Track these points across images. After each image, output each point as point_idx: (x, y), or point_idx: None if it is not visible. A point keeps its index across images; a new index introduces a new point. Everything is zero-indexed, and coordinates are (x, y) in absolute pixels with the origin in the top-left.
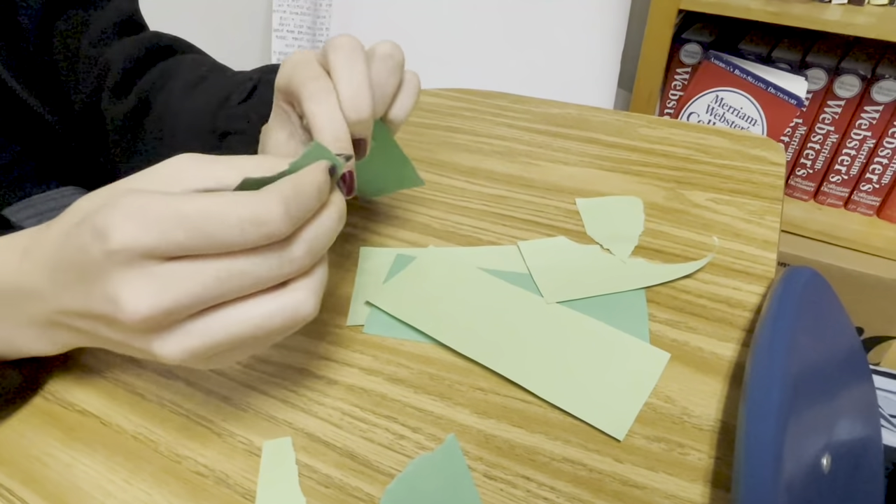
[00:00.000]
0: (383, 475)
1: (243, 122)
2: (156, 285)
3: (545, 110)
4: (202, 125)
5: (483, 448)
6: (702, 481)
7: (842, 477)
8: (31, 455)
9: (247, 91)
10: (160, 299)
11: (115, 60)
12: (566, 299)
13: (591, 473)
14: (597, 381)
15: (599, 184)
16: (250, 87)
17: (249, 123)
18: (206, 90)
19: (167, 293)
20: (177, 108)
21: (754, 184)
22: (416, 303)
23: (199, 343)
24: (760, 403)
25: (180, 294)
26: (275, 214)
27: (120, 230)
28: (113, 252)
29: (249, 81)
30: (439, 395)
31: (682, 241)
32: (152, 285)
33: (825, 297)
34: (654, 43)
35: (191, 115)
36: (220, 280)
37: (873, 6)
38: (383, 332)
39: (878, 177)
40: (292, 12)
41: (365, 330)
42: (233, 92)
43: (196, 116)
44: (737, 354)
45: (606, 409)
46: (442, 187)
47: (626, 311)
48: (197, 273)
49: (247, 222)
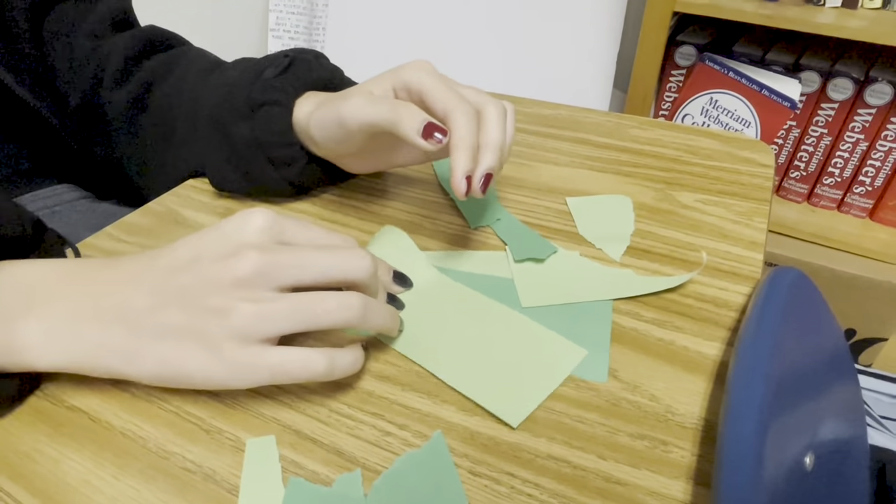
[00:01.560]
0: (370, 471)
1: (280, 93)
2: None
3: (537, 111)
4: (233, 99)
5: (468, 445)
6: (684, 478)
7: (826, 475)
8: (19, 450)
9: (283, 66)
10: (262, 258)
11: (115, 52)
12: (541, 304)
13: (575, 470)
14: (507, 371)
15: (590, 184)
16: (286, 62)
17: (286, 95)
18: (228, 71)
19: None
20: (196, 93)
21: (743, 185)
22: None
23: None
24: (742, 402)
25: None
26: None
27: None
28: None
29: (285, 58)
30: (426, 392)
31: (670, 241)
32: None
33: (811, 297)
34: (649, 45)
35: (217, 94)
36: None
37: (866, 9)
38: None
39: (871, 179)
40: (289, 12)
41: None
42: (267, 67)
43: (224, 92)
44: (722, 354)
45: (508, 398)
46: (434, 188)
47: (591, 317)
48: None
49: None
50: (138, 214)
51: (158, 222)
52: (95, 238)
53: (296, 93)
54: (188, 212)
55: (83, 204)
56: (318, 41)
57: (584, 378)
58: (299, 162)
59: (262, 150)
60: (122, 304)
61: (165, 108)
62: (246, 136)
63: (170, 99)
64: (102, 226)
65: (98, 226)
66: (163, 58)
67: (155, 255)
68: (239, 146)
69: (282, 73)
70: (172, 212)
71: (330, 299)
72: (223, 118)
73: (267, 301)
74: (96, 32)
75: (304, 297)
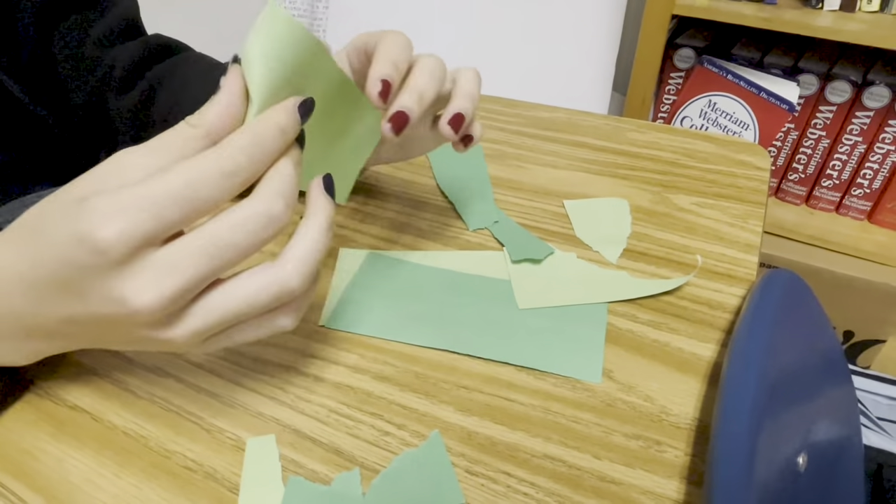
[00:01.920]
0: (368, 471)
1: None
2: (157, 274)
3: (535, 114)
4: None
5: (465, 444)
6: (678, 478)
7: (820, 476)
8: (22, 449)
9: None
10: (165, 286)
11: (121, 59)
12: (537, 306)
13: (571, 469)
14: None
15: (587, 187)
16: None
17: None
18: (219, 71)
19: (170, 279)
20: (196, 96)
21: (738, 188)
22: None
23: (201, 323)
24: (734, 403)
25: (182, 278)
26: (241, 162)
27: (107, 229)
28: (105, 251)
29: None
30: (424, 392)
31: (666, 244)
32: (154, 275)
33: (804, 299)
34: (648, 47)
35: (208, 94)
36: (211, 257)
37: (864, 13)
38: (345, 327)
39: (869, 182)
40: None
41: (326, 325)
42: None
43: (214, 92)
44: (716, 355)
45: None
46: (432, 189)
47: (586, 319)
48: (190, 254)
49: (221, 177)
50: None
51: None
52: None
53: None
54: None
55: None
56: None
57: (580, 379)
58: None
59: None
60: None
61: (167, 114)
62: None
63: (171, 104)
64: None
65: None
66: (166, 65)
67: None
68: None
69: None
70: None
71: (262, 331)
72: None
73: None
74: (104, 41)
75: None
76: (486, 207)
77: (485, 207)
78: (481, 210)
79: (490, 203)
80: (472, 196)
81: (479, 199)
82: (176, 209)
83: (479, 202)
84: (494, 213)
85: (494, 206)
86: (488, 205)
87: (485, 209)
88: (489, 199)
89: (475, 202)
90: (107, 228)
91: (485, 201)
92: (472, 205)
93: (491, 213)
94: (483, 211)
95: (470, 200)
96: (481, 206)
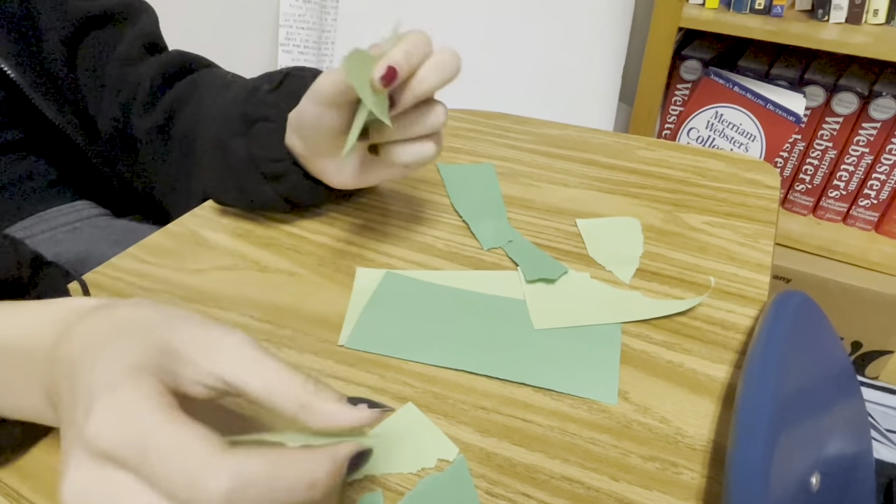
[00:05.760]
0: (391, 492)
1: (272, 109)
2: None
3: (545, 131)
4: (231, 116)
5: (485, 466)
6: (694, 499)
7: (832, 494)
8: (53, 468)
9: (277, 81)
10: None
11: (145, 78)
12: (553, 326)
13: (589, 491)
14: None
15: (599, 206)
16: (280, 77)
17: (278, 110)
18: (232, 88)
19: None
20: (207, 113)
21: (749, 207)
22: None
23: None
24: (749, 425)
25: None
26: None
27: (99, 429)
28: (85, 438)
29: (279, 73)
30: (443, 413)
31: (678, 263)
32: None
33: (815, 319)
34: (655, 59)
35: (221, 111)
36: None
37: (870, 25)
38: (365, 347)
39: (877, 192)
40: (298, 27)
41: (347, 345)
42: (263, 83)
43: (225, 110)
44: (730, 376)
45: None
46: (446, 208)
47: (601, 340)
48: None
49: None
50: (160, 235)
51: (180, 243)
52: (120, 258)
53: (288, 108)
54: (207, 232)
55: (103, 220)
56: (326, 55)
57: (597, 400)
58: (291, 176)
59: (255, 164)
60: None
61: (188, 133)
62: (241, 152)
63: (190, 123)
64: (123, 241)
65: (118, 241)
66: (185, 83)
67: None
68: (234, 161)
69: (276, 89)
70: (193, 233)
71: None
72: (223, 135)
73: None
74: (126, 58)
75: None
76: (499, 226)
77: (499, 226)
78: (495, 229)
79: (504, 222)
80: (486, 215)
81: (493, 218)
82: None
83: (493, 221)
84: (508, 233)
85: (508, 226)
86: (502, 224)
87: (499, 228)
88: (503, 218)
89: (489, 221)
90: (100, 429)
91: (499, 220)
92: (486, 224)
93: (505, 232)
94: (497, 230)
95: (484, 219)
96: (495, 224)
